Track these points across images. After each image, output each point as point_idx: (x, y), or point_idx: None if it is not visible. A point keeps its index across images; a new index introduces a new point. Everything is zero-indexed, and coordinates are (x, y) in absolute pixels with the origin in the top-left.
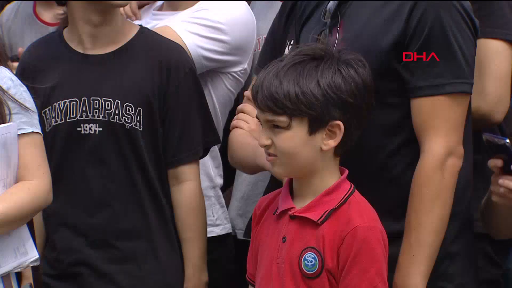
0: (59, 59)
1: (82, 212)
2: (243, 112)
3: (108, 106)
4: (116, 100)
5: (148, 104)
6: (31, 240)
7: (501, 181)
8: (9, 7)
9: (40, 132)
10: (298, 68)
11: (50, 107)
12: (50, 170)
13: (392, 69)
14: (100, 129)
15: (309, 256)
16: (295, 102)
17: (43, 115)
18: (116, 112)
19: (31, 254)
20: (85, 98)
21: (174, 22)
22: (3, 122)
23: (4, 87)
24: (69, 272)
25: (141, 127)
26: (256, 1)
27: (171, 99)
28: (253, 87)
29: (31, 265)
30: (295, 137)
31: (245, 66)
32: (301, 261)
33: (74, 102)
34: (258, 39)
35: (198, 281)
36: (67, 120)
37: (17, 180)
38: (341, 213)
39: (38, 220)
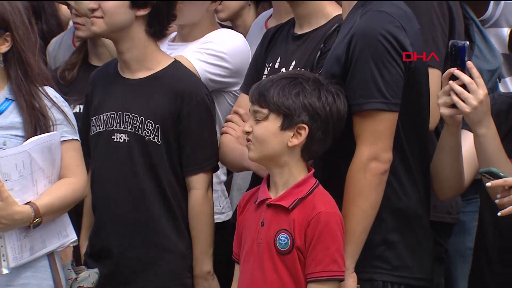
0: (108, 79)
1: (112, 204)
2: (231, 121)
3: (135, 121)
4: (141, 117)
5: (164, 123)
6: (71, 225)
7: (451, 82)
8: (54, 40)
9: (79, 139)
10: (288, 80)
11: (97, 116)
12: (93, 167)
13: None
14: (128, 138)
15: (283, 236)
16: (276, 100)
17: (91, 122)
18: (140, 126)
19: (71, 236)
20: (120, 112)
21: (187, 52)
22: (48, 131)
23: (49, 104)
24: (100, 254)
25: (159, 140)
26: (251, 31)
27: (184, 122)
28: (252, 87)
29: (71, 245)
30: (269, 127)
31: None
32: (275, 240)
33: (113, 115)
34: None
35: (200, 271)
36: (107, 129)
37: (60, 177)
38: (308, 201)
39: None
